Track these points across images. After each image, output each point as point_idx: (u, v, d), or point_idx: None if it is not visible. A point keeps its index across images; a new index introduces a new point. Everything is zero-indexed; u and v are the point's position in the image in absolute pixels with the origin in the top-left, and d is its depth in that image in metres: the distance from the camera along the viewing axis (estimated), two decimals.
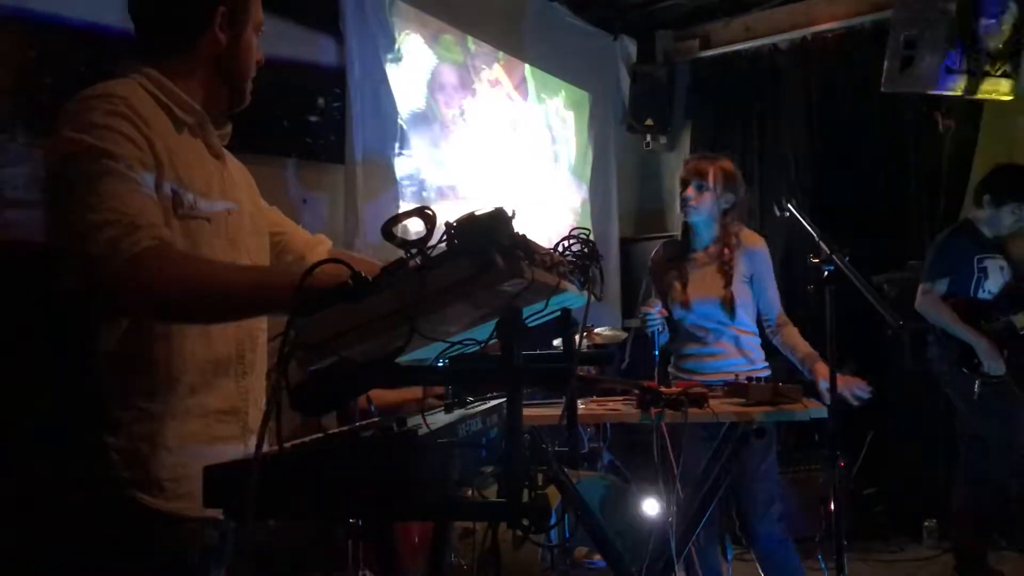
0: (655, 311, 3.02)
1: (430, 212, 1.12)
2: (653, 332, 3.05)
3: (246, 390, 1.61)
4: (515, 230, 1.10)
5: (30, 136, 2.92)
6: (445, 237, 1.08)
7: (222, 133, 1.70)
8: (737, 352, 3.13)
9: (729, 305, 3.07)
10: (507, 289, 1.10)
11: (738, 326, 3.14)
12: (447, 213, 1.09)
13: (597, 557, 3.11)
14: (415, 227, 1.14)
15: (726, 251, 3.13)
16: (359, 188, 4.12)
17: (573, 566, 3.05)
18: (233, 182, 1.70)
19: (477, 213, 1.08)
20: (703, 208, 3.17)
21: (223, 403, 1.56)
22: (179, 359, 1.49)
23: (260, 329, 1.68)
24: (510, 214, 1.09)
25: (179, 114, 1.57)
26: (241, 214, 1.67)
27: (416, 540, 2.24)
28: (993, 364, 3.84)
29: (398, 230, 1.14)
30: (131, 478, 1.44)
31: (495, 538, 1.55)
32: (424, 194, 4.50)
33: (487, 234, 1.07)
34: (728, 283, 3.09)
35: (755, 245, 3.22)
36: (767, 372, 3.08)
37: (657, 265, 3.37)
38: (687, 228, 3.29)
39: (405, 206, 4.31)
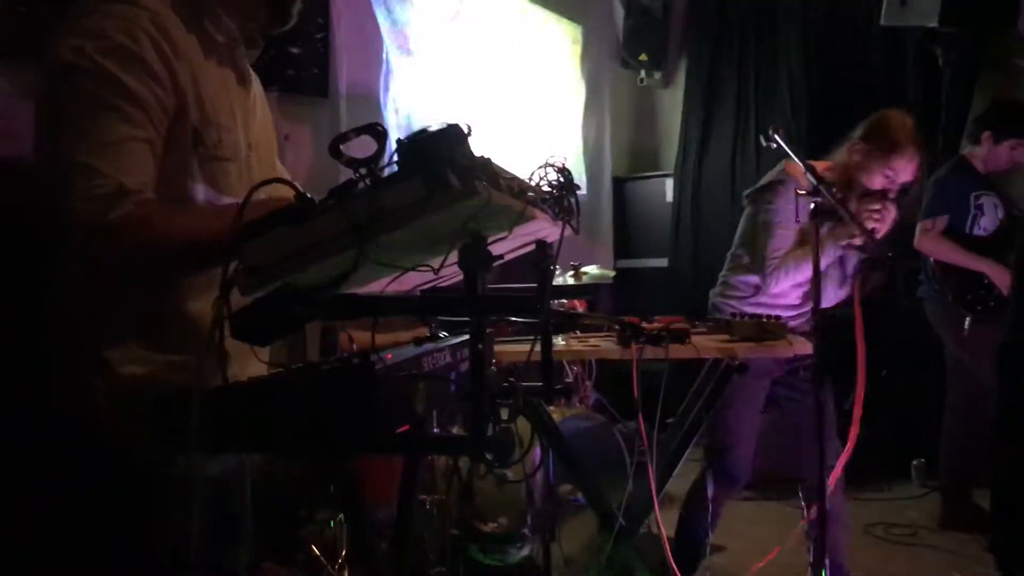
0: None
1: (381, 129, 1.05)
2: None
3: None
4: (471, 148, 1.04)
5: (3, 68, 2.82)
6: (396, 156, 1.01)
7: (251, 53, 1.55)
8: None
9: None
10: (463, 211, 1.04)
11: None
12: None
13: (581, 495, 3.09)
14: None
15: None
16: (343, 123, 4.02)
17: (557, 504, 3.03)
18: (255, 112, 1.56)
19: (430, 129, 1.01)
20: None
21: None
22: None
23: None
24: (465, 131, 1.02)
25: (211, 31, 1.41)
26: (260, 149, 1.55)
27: (390, 475, 2.21)
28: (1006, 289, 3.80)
29: (347, 149, 1.07)
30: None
31: (459, 472, 1.51)
32: (412, 129, 4.40)
33: (441, 151, 1.00)
34: None
35: None
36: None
37: None
38: None
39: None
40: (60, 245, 1.36)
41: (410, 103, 4.45)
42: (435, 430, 2.20)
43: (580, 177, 5.92)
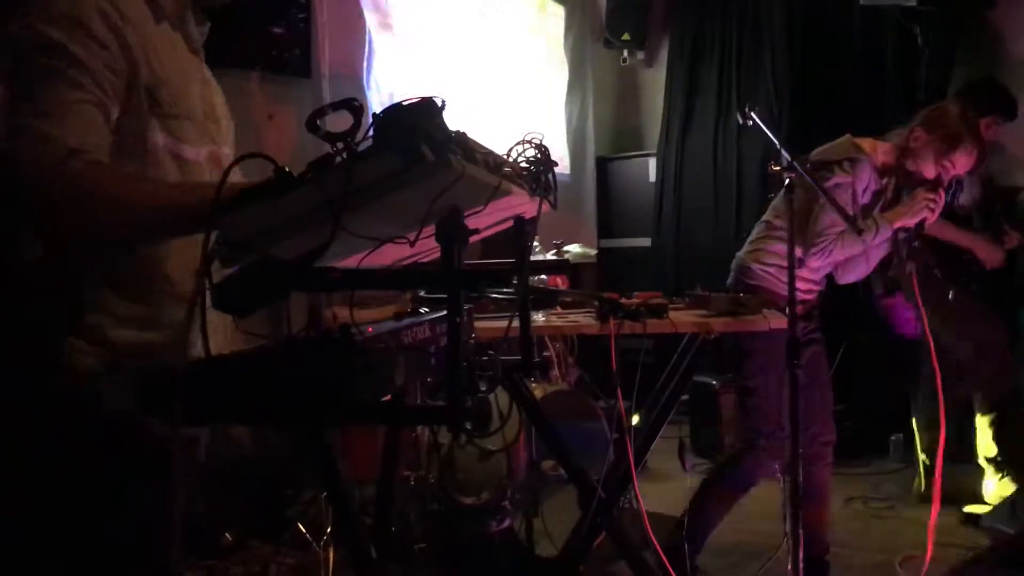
0: None
1: (357, 103, 1.07)
2: None
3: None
4: (446, 122, 1.06)
5: None
6: (372, 130, 1.04)
7: (201, 30, 1.58)
8: None
9: None
10: (438, 184, 1.06)
11: None
12: None
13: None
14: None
15: None
16: (326, 102, 4.01)
17: (539, 478, 3.07)
18: (211, 84, 1.60)
19: (404, 103, 1.04)
20: None
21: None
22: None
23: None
24: (440, 105, 1.05)
25: None
26: (219, 118, 1.58)
27: (373, 453, 2.24)
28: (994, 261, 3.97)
29: (324, 124, 1.09)
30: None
31: (439, 442, 1.54)
32: None
33: (415, 125, 1.02)
34: None
35: None
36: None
37: None
38: None
39: None
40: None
41: (393, 82, 4.45)
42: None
43: (563, 157, 5.93)
